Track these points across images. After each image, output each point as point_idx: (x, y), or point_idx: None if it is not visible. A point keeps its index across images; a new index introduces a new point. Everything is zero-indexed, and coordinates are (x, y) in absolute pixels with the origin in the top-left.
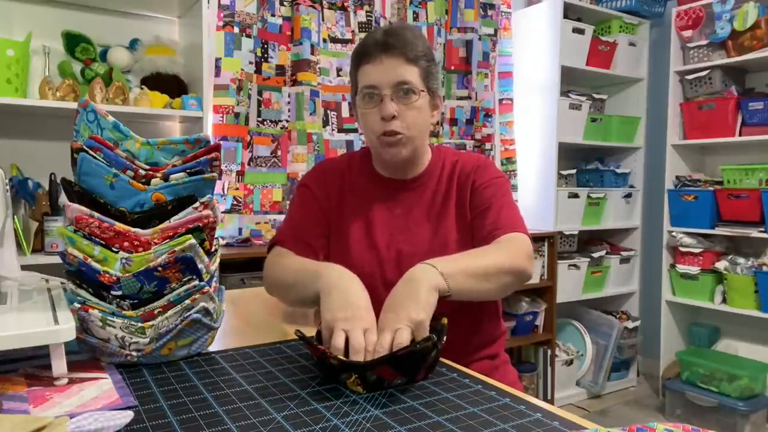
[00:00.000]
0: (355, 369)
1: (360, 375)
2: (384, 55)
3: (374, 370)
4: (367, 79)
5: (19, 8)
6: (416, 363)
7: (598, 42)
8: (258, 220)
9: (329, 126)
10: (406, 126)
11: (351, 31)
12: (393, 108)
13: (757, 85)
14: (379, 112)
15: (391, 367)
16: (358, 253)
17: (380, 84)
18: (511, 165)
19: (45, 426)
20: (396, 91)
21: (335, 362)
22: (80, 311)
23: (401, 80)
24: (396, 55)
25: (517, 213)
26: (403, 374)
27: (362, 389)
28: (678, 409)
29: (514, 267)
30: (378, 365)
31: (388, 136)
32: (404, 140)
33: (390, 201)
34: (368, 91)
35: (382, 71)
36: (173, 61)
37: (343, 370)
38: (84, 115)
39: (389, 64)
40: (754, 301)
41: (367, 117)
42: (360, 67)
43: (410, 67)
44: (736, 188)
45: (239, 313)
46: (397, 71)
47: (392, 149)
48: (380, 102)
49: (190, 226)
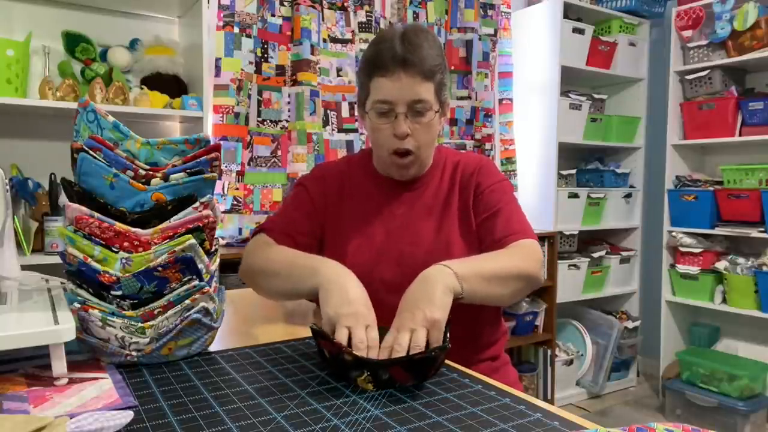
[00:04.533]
0: (369, 366)
1: (373, 373)
2: (402, 72)
3: (388, 370)
4: (382, 93)
5: (19, 8)
6: (428, 367)
7: (598, 42)
8: (258, 220)
9: (329, 126)
10: (418, 145)
11: (351, 31)
12: (407, 127)
13: (757, 85)
14: (392, 128)
15: (405, 369)
16: (356, 253)
17: (396, 101)
18: (511, 165)
19: (45, 426)
20: (410, 108)
21: (350, 358)
22: (80, 311)
23: (417, 99)
24: (414, 73)
25: (525, 218)
26: (414, 377)
27: (372, 387)
28: (678, 409)
29: (526, 272)
30: (393, 365)
31: (399, 155)
32: (414, 159)
33: (391, 201)
34: (383, 107)
35: (398, 88)
36: (173, 61)
37: (357, 367)
38: (84, 115)
39: (406, 82)
40: (754, 301)
41: (379, 132)
42: (374, 77)
43: (426, 84)
44: (736, 188)
45: (239, 313)
46: (413, 89)
47: (402, 171)
48: (394, 119)
49: (190, 226)
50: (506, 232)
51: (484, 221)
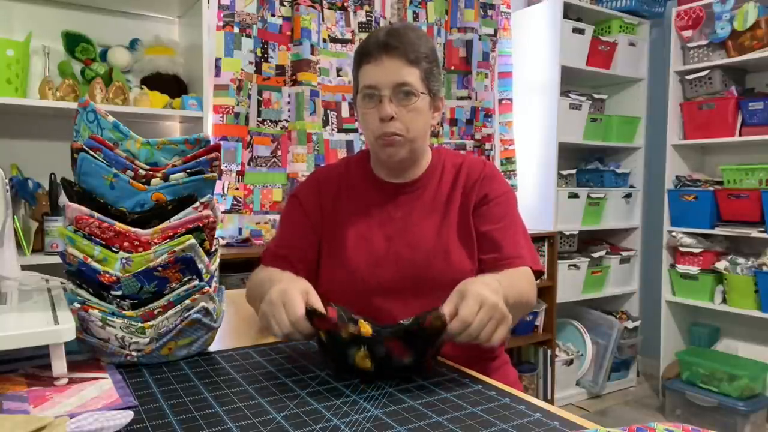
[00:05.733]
0: (366, 340)
1: (370, 347)
2: (385, 56)
3: (385, 342)
4: (367, 79)
5: (19, 8)
6: (427, 342)
7: (598, 42)
8: (258, 220)
9: (329, 126)
10: (405, 128)
11: (351, 31)
12: (391, 109)
13: (757, 85)
14: (377, 112)
15: (403, 342)
16: (355, 257)
17: (380, 84)
18: (510, 165)
19: (45, 426)
20: (395, 92)
21: (346, 335)
22: (80, 311)
23: (401, 81)
24: (397, 56)
25: (529, 238)
26: (413, 352)
27: (370, 363)
28: (678, 409)
29: (531, 303)
30: (390, 338)
31: (386, 137)
32: (402, 141)
33: (389, 204)
34: (368, 92)
35: (382, 72)
36: (173, 61)
37: (354, 343)
38: (84, 115)
39: (389, 65)
40: (754, 301)
41: (366, 117)
42: (361, 66)
43: (411, 69)
44: (736, 188)
45: (239, 313)
46: (397, 72)
47: (389, 149)
48: (379, 103)
49: (190, 226)
50: (514, 254)
51: (489, 233)
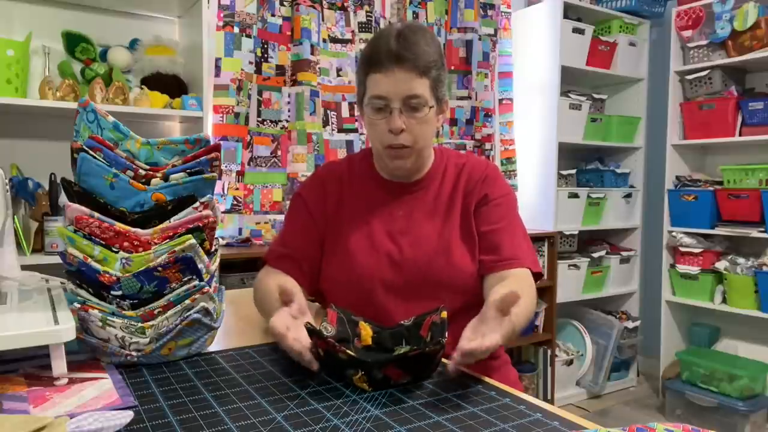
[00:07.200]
0: (363, 366)
1: (367, 372)
2: (396, 67)
3: (382, 369)
4: (377, 89)
5: (19, 8)
6: (424, 364)
7: (598, 42)
8: (258, 220)
9: (329, 126)
10: (414, 139)
11: (351, 31)
12: (402, 122)
13: (757, 85)
14: (387, 124)
15: (400, 368)
16: (357, 256)
17: (390, 96)
18: (510, 165)
19: (45, 426)
20: (405, 103)
21: (344, 357)
22: (80, 311)
23: (412, 94)
24: (408, 68)
25: (529, 240)
26: (410, 374)
27: (368, 386)
28: (678, 409)
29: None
30: (387, 364)
31: (394, 148)
32: (410, 152)
33: (391, 203)
34: (378, 102)
35: (393, 83)
36: (173, 61)
37: (351, 366)
38: (84, 115)
39: (401, 77)
40: (754, 301)
41: (374, 127)
42: (370, 74)
43: (421, 80)
44: (736, 188)
45: (239, 313)
46: (408, 84)
47: (398, 161)
48: (389, 114)
49: (190, 226)
50: (512, 255)
51: (488, 234)
